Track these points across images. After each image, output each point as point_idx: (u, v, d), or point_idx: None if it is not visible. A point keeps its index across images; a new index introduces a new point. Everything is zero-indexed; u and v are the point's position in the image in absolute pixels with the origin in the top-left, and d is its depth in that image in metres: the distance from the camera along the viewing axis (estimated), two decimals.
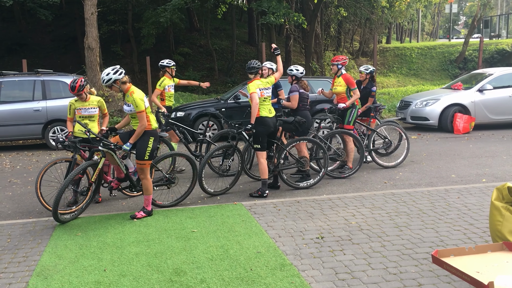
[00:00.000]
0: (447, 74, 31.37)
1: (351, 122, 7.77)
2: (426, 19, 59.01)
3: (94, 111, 6.50)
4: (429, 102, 12.36)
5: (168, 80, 8.34)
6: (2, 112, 10.86)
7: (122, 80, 5.52)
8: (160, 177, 6.29)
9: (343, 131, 7.71)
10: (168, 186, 6.34)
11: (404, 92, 20.80)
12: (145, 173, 5.64)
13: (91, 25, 14.23)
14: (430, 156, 9.24)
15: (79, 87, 6.26)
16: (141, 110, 5.45)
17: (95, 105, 6.51)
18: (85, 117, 6.46)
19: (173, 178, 6.31)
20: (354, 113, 7.75)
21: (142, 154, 5.56)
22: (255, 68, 6.59)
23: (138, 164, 5.63)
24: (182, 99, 19.87)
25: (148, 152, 5.56)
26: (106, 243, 4.82)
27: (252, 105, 6.40)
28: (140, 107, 5.45)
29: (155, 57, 26.77)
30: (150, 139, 5.61)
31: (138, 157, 5.59)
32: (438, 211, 5.56)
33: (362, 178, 7.58)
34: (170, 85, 8.34)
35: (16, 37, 29.15)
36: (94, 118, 6.52)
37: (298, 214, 5.60)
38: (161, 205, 6.17)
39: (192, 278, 3.96)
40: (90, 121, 6.49)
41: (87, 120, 6.46)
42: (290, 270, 4.06)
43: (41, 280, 4.00)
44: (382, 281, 3.81)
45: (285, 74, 7.67)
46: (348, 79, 7.67)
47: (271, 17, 19.58)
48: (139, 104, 5.44)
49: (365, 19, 31.80)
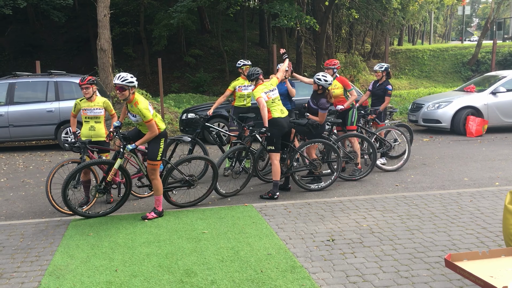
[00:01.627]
0: (459, 77, 31.12)
1: (354, 122, 7.79)
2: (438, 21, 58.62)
3: (100, 112, 6.46)
4: (442, 104, 12.27)
5: (240, 81, 8.15)
6: (16, 113, 10.98)
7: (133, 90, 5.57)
8: (180, 179, 6.29)
9: (356, 134, 7.69)
10: (188, 188, 6.35)
11: (416, 94, 20.67)
12: (156, 173, 5.68)
13: (104, 27, 14.34)
14: (442, 159, 9.16)
15: (89, 80, 6.32)
16: (149, 119, 5.45)
17: (101, 105, 6.47)
18: (91, 118, 6.43)
19: (193, 181, 6.31)
20: (355, 113, 7.78)
21: (155, 155, 5.59)
22: (254, 75, 6.61)
23: (149, 164, 5.65)
24: (193, 101, 19.94)
25: (160, 152, 5.61)
26: (118, 244, 4.85)
27: (261, 109, 6.40)
28: (148, 117, 5.44)
29: (166, 59, 26.93)
30: (161, 140, 5.65)
31: (150, 158, 5.62)
32: (451, 215, 5.51)
33: (373, 181, 7.54)
34: (241, 86, 8.12)
35: (30, 38, 29.49)
36: (100, 119, 6.49)
37: (309, 216, 5.59)
38: (174, 202, 6.21)
39: (203, 279, 3.96)
40: (96, 122, 6.47)
41: (93, 122, 6.44)
42: (301, 272, 4.05)
43: (53, 280, 4.03)
44: (393, 285, 3.78)
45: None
46: (343, 81, 7.79)
47: (284, 20, 19.56)
48: (146, 114, 5.43)
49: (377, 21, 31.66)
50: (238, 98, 8.20)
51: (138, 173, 6.36)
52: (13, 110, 10.99)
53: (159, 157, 5.63)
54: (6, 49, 28.93)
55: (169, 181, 6.18)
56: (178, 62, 29.10)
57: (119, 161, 5.71)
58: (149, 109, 5.51)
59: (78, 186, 6.06)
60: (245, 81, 8.06)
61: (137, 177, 6.38)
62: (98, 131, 6.48)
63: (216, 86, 26.59)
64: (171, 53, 29.25)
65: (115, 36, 24.84)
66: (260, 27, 33.62)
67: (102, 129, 6.50)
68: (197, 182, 6.44)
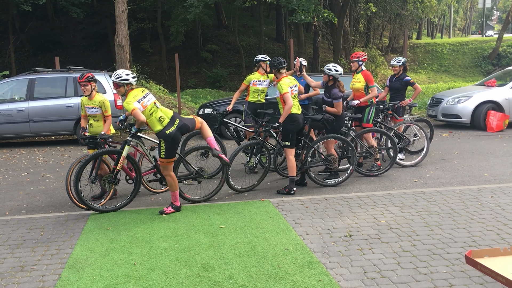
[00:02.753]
0: (479, 71, 30.65)
1: (370, 120, 7.68)
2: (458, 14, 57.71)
3: (96, 111, 6.42)
4: (461, 99, 12.09)
5: (256, 75, 8.03)
6: (35, 108, 11.14)
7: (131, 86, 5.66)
8: (189, 172, 6.34)
9: (376, 129, 7.62)
10: (198, 180, 6.38)
11: (435, 89, 20.42)
12: (168, 169, 5.71)
13: (122, 23, 14.44)
14: (462, 154, 9.03)
15: (87, 77, 6.31)
16: (130, 110, 5.47)
17: (96, 104, 6.40)
18: (90, 116, 6.48)
19: (202, 172, 6.33)
20: (373, 111, 7.66)
21: (160, 154, 5.68)
22: (283, 63, 6.52)
23: (159, 162, 5.77)
24: (210, 96, 20.01)
25: (163, 151, 5.61)
26: (136, 238, 4.89)
27: (287, 106, 6.32)
28: (129, 109, 5.47)
29: (183, 54, 27.03)
30: (161, 142, 5.64)
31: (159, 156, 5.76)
32: (471, 211, 5.43)
33: (392, 176, 7.47)
34: (257, 80, 8.01)
35: (49, 34, 29.89)
36: (97, 118, 6.46)
37: (326, 211, 5.56)
38: (189, 198, 6.23)
39: (220, 274, 3.98)
40: (95, 121, 6.47)
41: (91, 120, 6.48)
42: (318, 268, 4.03)
43: (73, 273, 4.09)
44: (412, 281, 3.74)
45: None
46: (367, 76, 7.58)
47: (301, 15, 19.44)
48: (127, 107, 5.49)
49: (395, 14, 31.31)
50: (252, 93, 8.05)
51: (151, 169, 6.38)
52: (33, 106, 11.16)
53: (163, 155, 5.62)
54: (26, 45, 29.38)
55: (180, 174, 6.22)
56: (195, 58, 29.21)
57: (126, 149, 5.78)
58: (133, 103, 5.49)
59: (96, 181, 6.08)
60: (261, 76, 7.99)
61: (151, 173, 6.44)
62: (95, 128, 6.48)
63: (233, 82, 26.63)
64: (188, 49, 29.36)
65: (133, 32, 25.02)
66: (277, 22, 33.51)
67: (101, 126, 6.45)
68: (207, 175, 6.48)
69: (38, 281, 3.94)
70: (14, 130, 11.19)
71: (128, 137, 5.87)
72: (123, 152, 5.77)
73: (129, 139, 5.86)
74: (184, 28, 24.91)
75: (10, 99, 11.38)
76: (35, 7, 23.88)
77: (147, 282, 3.86)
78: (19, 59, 28.24)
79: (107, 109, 6.46)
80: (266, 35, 31.87)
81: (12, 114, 11.08)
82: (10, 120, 11.10)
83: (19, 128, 11.16)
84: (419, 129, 8.25)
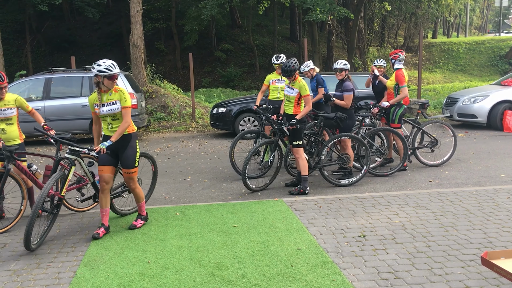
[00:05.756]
0: (496, 70, 30.24)
1: (395, 120, 7.60)
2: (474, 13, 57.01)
3: (11, 113, 5.56)
4: (478, 98, 11.94)
5: (274, 75, 8.23)
6: (52, 107, 11.28)
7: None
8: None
9: (387, 128, 7.56)
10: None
11: (450, 88, 20.20)
12: (135, 181, 5.14)
13: (136, 23, 14.55)
14: (478, 154, 8.93)
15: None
16: (128, 105, 4.86)
17: (12, 105, 5.57)
18: (2, 120, 5.52)
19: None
20: (398, 112, 7.56)
21: (132, 161, 4.99)
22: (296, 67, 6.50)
23: (128, 174, 5.02)
24: (224, 95, 20.05)
25: (137, 158, 5.03)
26: (150, 236, 4.93)
27: (309, 107, 6.40)
28: (129, 102, 4.88)
29: (197, 54, 27.13)
30: (136, 142, 5.08)
31: (127, 166, 4.98)
32: (487, 212, 5.37)
33: (406, 177, 7.41)
34: (275, 79, 8.17)
35: (65, 34, 30.24)
36: (12, 121, 5.59)
37: (339, 211, 5.54)
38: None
39: (233, 273, 3.99)
40: (8, 125, 5.55)
41: (4, 124, 5.52)
42: (332, 268, 4.02)
43: (88, 270, 4.13)
44: (426, 282, 3.71)
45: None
46: (399, 76, 7.47)
47: (318, 14, 19.35)
48: (128, 98, 4.89)
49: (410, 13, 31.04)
50: (272, 91, 8.29)
51: (78, 183, 5.56)
52: (49, 105, 11.30)
53: (137, 163, 5.04)
54: (42, 45, 29.75)
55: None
56: (208, 57, 29.30)
57: (73, 170, 4.99)
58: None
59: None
60: (279, 76, 8.16)
61: (76, 188, 5.54)
62: (9, 134, 5.58)
63: (246, 81, 26.66)
64: (202, 48, 29.46)
65: (147, 31, 25.17)
66: (291, 21, 33.46)
67: (16, 131, 5.63)
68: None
69: (54, 278, 3.99)
70: (31, 129, 11.33)
71: (67, 153, 4.95)
72: (69, 175, 4.91)
73: (70, 156, 4.94)
74: (198, 27, 24.98)
75: (27, 98, 11.52)
76: (52, 7, 24.16)
77: (160, 280, 3.89)
78: (36, 59, 28.62)
79: (27, 105, 5.71)
80: (280, 34, 31.84)
81: None
82: (27, 119, 11.12)
83: (36, 127, 11.28)
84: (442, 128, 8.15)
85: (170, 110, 14.57)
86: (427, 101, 8.35)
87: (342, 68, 7.12)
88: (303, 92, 6.37)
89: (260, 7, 23.90)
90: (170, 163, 9.07)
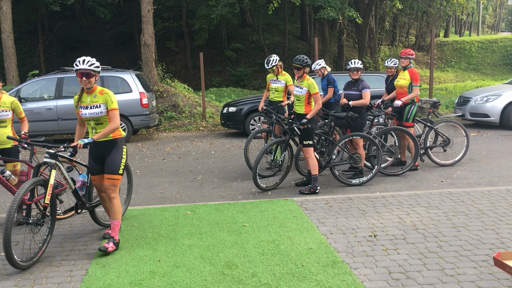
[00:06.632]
0: (509, 69, 29.93)
1: (410, 119, 7.55)
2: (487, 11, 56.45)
3: (6, 115, 5.46)
4: (490, 98, 11.82)
5: (271, 75, 8.07)
6: (64, 106, 11.37)
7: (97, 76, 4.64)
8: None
9: (398, 128, 7.51)
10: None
11: (463, 87, 20.03)
12: (117, 191, 4.65)
13: (147, 22, 14.62)
14: (491, 154, 8.84)
15: None
16: (115, 107, 4.57)
17: (8, 107, 5.47)
18: None
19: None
20: (413, 110, 7.52)
21: (117, 166, 4.59)
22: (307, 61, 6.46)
23: (110, 180, 4.57)
24: (234, 95, 20.07)
25: (123, 164, 4.65)
26: (161, 235, 4.95)
27: (319, 105, 6.35)
28: (116, 104, 4.59)
29: (208, 53, 27.19)
30: (124, 148, 4.72)
31: (112, 171, 4.56)
32: (499, 212, 5.31)
33: (417, 176, 7.37)
34: (271, 79, 8.04)
35: (77, 34, 30.45)
36: (6, 124, 5.48)
37: (350, 211, 5.52)
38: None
39: (244, 272, 3.99)
40: (1, 127, 5.45)
41: None
42: (342, 267, 4.01)
43: (99, 268, 4.16)
44: (438, 283, 3.68)
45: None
46: (414, 74, 7.45)
47: (329, 11, 19.28)
48: (115, 100, 4.60)
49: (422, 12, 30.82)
50: (270, 91, 8.12)
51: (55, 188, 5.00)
52: (61, 104, 11.39)
53: (122, 170, 4.64)
54: (54, 44, 30.01)
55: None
56: (219, 56, 29.34)
57: (53, 174, 4.50)
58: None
59: None
60: (274, 76, 7.98)
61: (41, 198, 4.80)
62: (1, 137, 5.44)
63: (257, 80, 26.66)
64: (212, 48, 29.52)
65: (158, 31, 25.29)
66: (301, 20, 33.39)
67: (10, 133, 5.48)
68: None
69: (66, 276, 4.03)
70: (43, 128, 11.44)
71: (46, 158, 4.53)
72: (50, 180, 4.43)
73: (49, 160, 4.53)
74: (207, 25, 25.02)
75: (39, 97, 11.65)
76: (64, 7, 24.37)
77: (171, 279, 3.91)
78: (48, 59, 28.88)
79: (21, 110, 5.65)
80: (290, 33, 31.80)
81: (41, 112, 11.34)
82: (40, 118, 11.35)
83: (48, 126, 11.40)
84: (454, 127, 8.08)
85: (181, 109, 14.63)
86: (438, 100, 8.28)
87: (359, 68, 7.13)
88: (311, 90, 6.30)
89: (270, 7, 23.88)
90: (181, 162, 9.10)
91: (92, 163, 4.72)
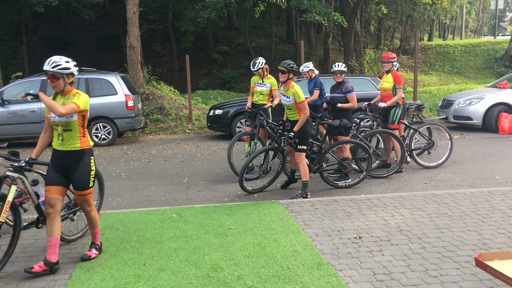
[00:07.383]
0: (492, 72, 30.38)
1: (396, 121, 7.63)
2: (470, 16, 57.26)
3: None
4: (473, 101, 12.00)
5: (255, 78, 8.06)
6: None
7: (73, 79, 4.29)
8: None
9: (384, 131, 7.58)
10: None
11: (446, 90, 20.28)
12: (91, 203, 4.43)
13: (133, 24, 14.55)
14: (474, 156, 8.97)
15: None
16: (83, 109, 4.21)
17: None
18: None
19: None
20: (398, 112, 7.60)
21: (86, 182, 4.27)
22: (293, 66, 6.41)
23: (81, 196, 4.30)
24: (221, 97, 20.06)
25: (92, 177, 4.31)
26: (146, 238, 4.92)
27: (306, 114, 6.17)
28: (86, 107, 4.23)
29: (194, 56, 27.13)
30: (91, 159, 4.34)
31: (81, 187, 4.26)
32: (481, 213, 5.39)
33: (402, 178, 7.44)
34: (256, 82, 8.01)
35: (61, 36, 30.17)
36: None
37: (335, 213, 5.56)
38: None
39: (229, 275, 3.99)
40: None
41: None
42: (327, 269, 4.03)
43: (83, 272, 4.13)
44: (421, 284, 3.73)
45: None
46: (397, 77, 7.54)
47: (314, 15, 19.41)
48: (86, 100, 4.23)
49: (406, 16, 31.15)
50: (254, 94, 8.08)
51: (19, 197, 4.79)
52: (45, 107, 11.25)
53: (92, 183, 4.34)
54: (38, 46, 29.66)
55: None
56: (205, 59, 29.31)
57: (13, 190, 4.14)
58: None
59: None
60: (260, 79, 7.99)
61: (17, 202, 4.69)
62: None
63: (243, 83, 26.67)
64: (198, 50, 29.47)
65: (144, 33, 25.15)
66: (288, 23, 33.51)
67: None
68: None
69: (49, 280, 3.99)
70: (26, 131, 11.31)
71: (9, 171, 4.21)
72: (8, 196, 4.06)
73: (12, 174, 4.20)
74: (194, 27, 24.98)
75: (22, 100, 11.51)
76: (48, 8, 24.12)
77: (156, 282, 3.89)
78: (32, 60, 28.52)
79: None
80: (276, 36, 31.88)
81: (25, 114, 11.21)
82: (23, 120, 11.22)
83: (32, 128, 11.27)
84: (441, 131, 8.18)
85: (167, 112, 14.57)
86: (422, 103, 8.40)
87: (343, 71, 7.22)
88: (297, 99, 6.13)
89: (257, 10, 23.95)
90: (167, 165, 9.06)
91: (51, 173, 4.26)
